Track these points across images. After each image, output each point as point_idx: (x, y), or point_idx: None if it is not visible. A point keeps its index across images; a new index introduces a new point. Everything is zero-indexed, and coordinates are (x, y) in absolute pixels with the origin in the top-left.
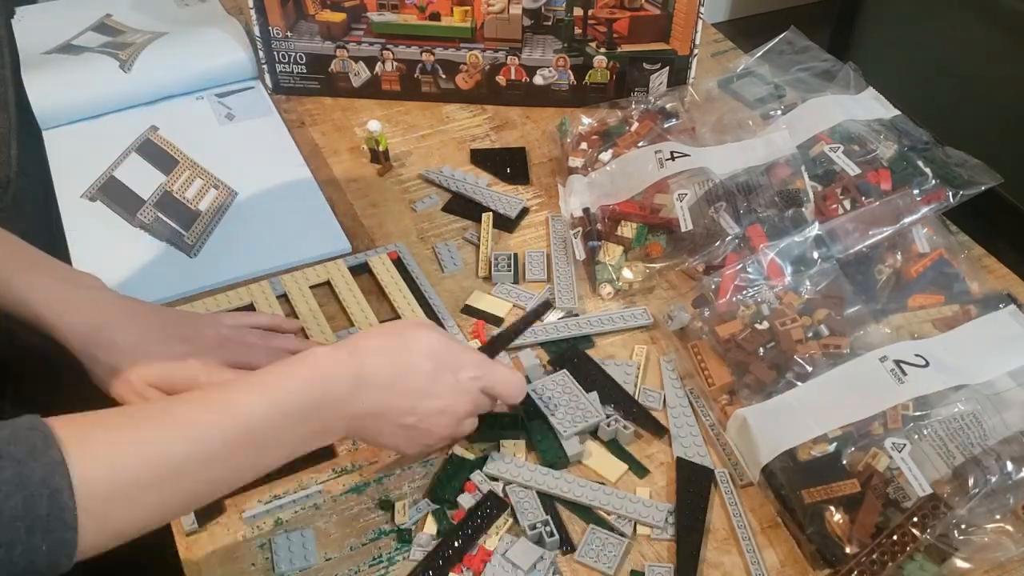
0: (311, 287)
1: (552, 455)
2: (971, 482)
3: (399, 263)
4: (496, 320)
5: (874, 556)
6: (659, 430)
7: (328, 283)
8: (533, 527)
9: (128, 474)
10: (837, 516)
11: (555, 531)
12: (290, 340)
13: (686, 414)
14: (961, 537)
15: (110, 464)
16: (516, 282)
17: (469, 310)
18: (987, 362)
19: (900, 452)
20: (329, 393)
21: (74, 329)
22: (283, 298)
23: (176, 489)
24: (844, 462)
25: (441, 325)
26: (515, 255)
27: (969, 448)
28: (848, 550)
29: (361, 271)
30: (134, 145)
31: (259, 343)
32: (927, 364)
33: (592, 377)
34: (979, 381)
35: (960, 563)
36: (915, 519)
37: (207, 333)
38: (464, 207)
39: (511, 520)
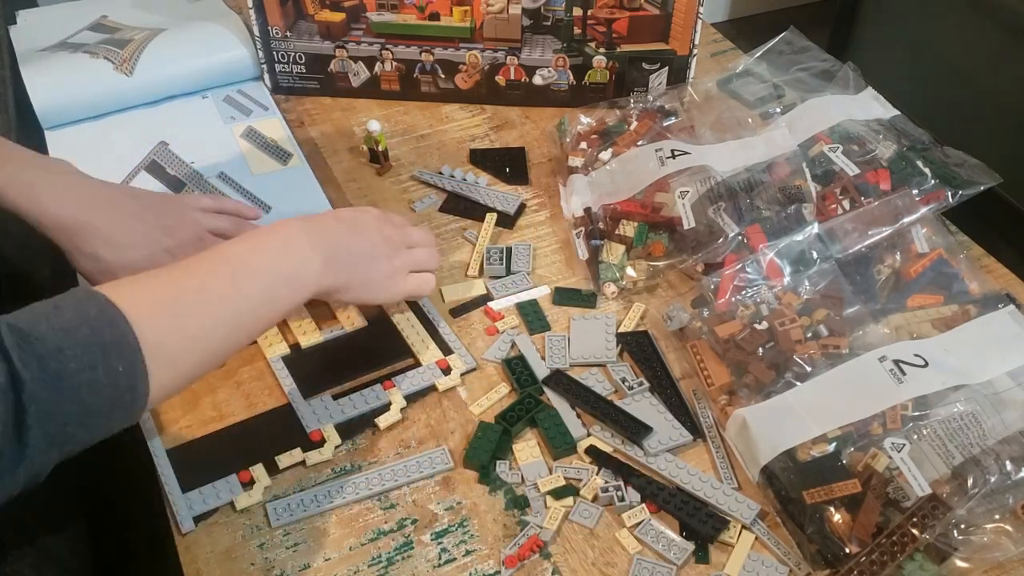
0: None
1: (560, 441)
2: (970, 482)
3: None
4: (484, 299)
5: (874, 556)
6: (645, 430)
7: None
8: (605, 490)
9: (163, 307)
10: (837, 516)
11: (626, 494)
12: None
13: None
14: (961, 537)
15: (147, 297)
16: (509, 275)
17: (456, 311)
18: (986, 362)
19: (899, 452)
20: (292, 237)
21: (56, 219)
22: None
23: (203, 317)
24: (844, 462)
25: (436, 330)
26: (508, 248)
27: (968, 448)
28: (848, 550)
29: None
30: (144, 163)
31: (228, 228)
32: (926, 364)
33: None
34: (978, 381)
35: (960, 563)
36: (915, 519)
37: (187, 224)
38: (461, 206)
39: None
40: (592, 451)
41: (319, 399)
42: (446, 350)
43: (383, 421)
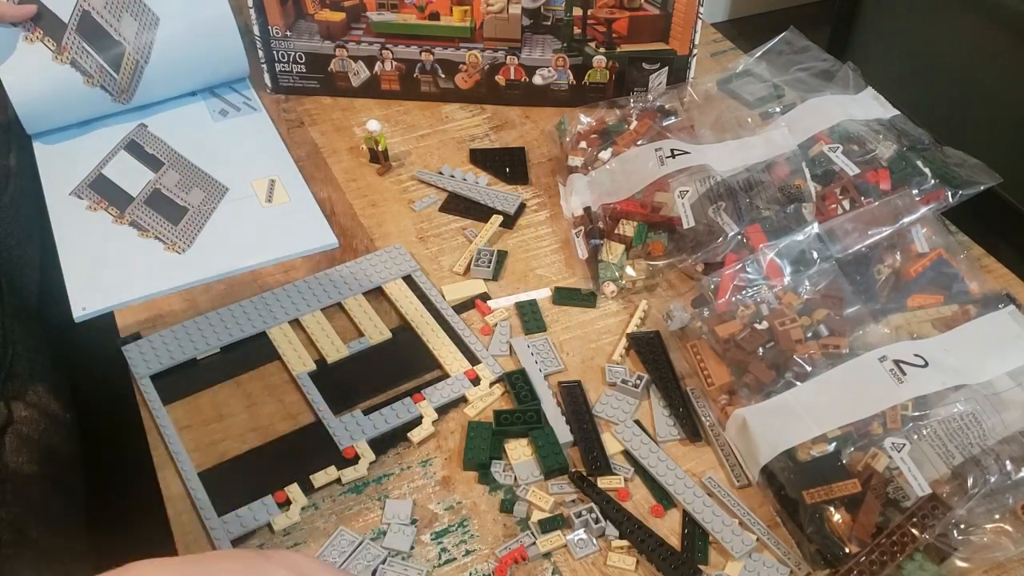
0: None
1: (553, 462)
2: (970, 482)
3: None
4: (483, 297)
5: (874, 556)
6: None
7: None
8: (579, 514)
9: None
10: (837, 516)
11: (600, 518)
12: None
13: None
14: (960, 537)
15: None
16: (495, 278)
17: (457, 309)
18: (986, 362)
19: (899, 452)
20: None
21: None
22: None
23: None
24: (844, 462)
25: (462, 339)
26: (498, 251)
27: (968, 448)
28: (848, 550)
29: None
30: (122, 143)
31: None
32: (926, 364)
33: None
34: (978, 381)
35: (959, 563)
36: (915, 519)
37: None
38: (462, 206)
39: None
40: (576, 478)
41: (350, 415)
42: (472, 359)
43: (416, 435)
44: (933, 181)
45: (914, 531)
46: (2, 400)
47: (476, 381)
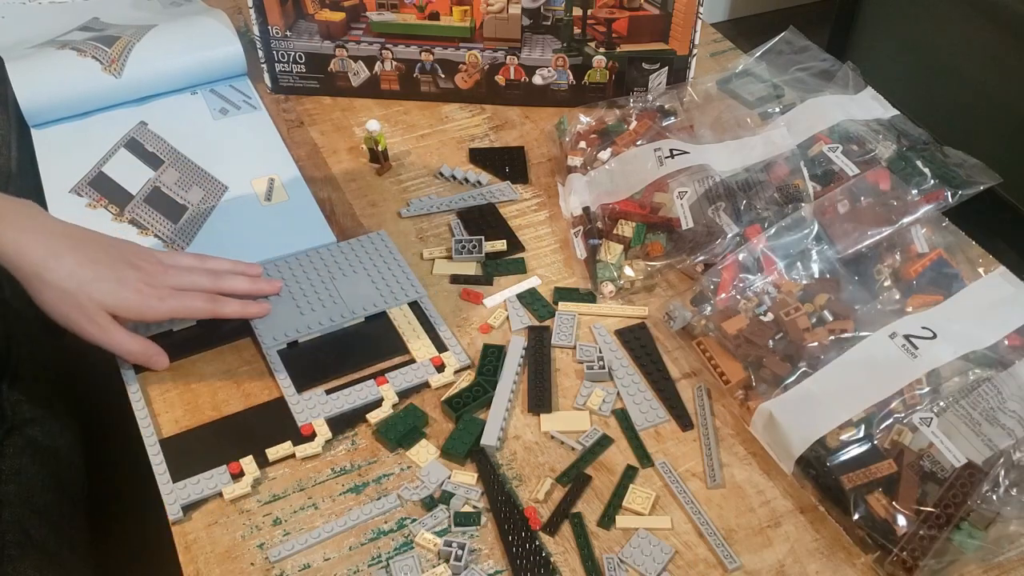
0: None
1: (450, 445)
2: (1001, 445)
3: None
4: (475, 279)
5: (922, 532)
6: (686, 423)
7: None
8: (448, 544)
9: None
10: (879, 497)
11: (464, 557)
12: (240, 281)
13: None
14: (1005, 496)
15: None
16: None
17: (455, 279)
18: (990, 324)
19: (929, 426)
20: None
21: (24, 251)
22: None
23: None
24: (875, 443)
25: (433, 327)
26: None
27: (991, 412)
28: (896, 530)
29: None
30: (123, 141)
31: (207, 284)
32: (935, 336)
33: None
34: (987, 344)
35: (1007, 526)
36: (954, 489)
37: (154, 261)
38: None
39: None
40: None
41: (312, 393)
42: (441, 347)
43: (373, 416)
44: (933, 181)
45: (957, 501)
46: (6, 402)
47: (441, 368)
